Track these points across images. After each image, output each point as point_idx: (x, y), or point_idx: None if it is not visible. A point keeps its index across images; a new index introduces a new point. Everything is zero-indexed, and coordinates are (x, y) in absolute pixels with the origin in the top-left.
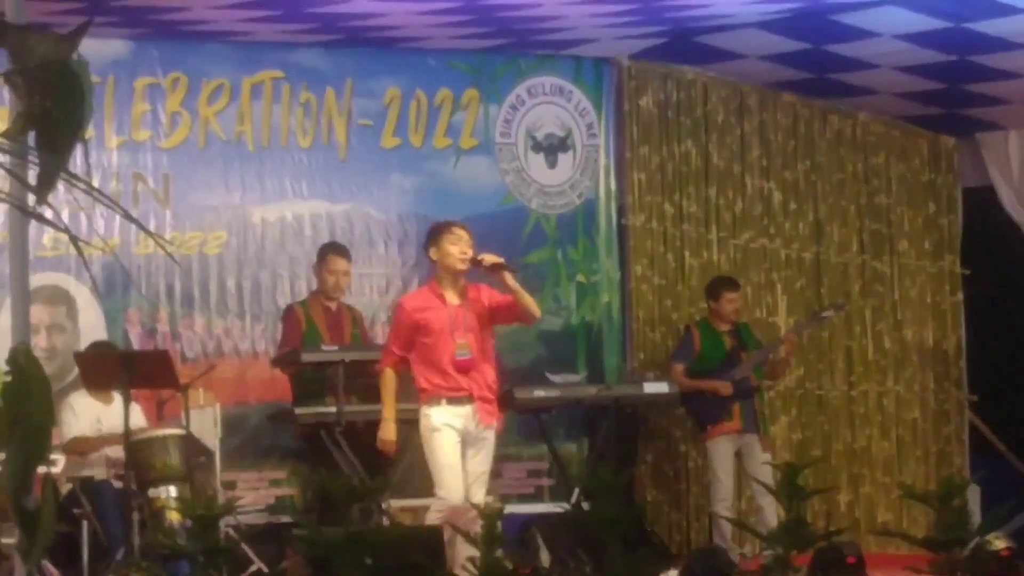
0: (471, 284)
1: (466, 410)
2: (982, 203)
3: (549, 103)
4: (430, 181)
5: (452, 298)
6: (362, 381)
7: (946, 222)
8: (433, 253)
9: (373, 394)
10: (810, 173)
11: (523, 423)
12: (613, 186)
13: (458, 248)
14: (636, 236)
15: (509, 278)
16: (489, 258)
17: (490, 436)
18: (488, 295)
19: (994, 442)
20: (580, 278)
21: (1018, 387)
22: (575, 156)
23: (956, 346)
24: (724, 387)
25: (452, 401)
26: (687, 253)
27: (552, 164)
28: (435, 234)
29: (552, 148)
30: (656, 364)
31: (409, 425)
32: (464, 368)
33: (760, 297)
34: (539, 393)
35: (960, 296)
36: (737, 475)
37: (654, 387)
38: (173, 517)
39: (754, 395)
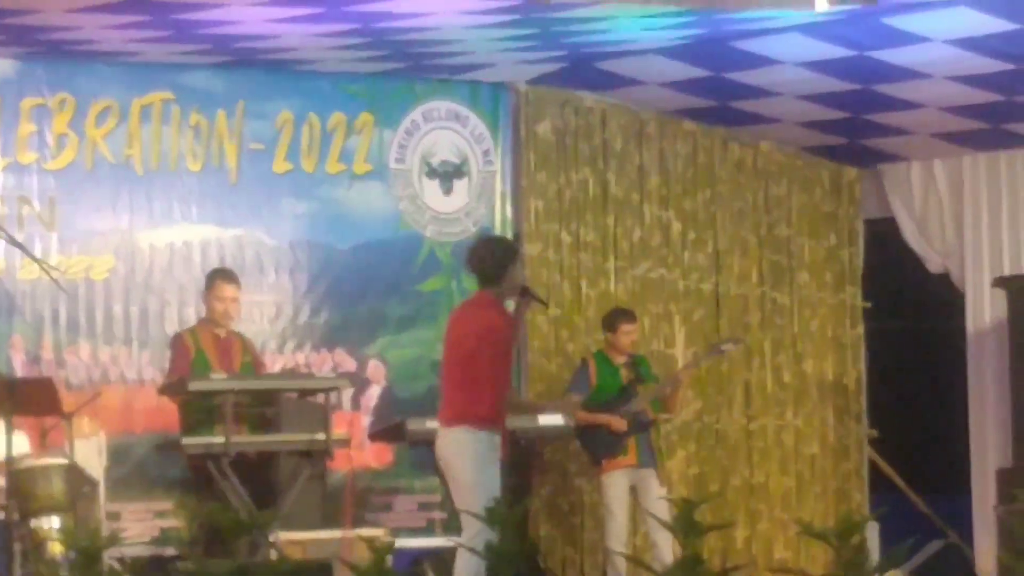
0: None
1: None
2: (883, 235)
3: (445, 128)
4: (323, 207)
5: None
6: (252, 411)
7: (847, 254)
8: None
9: (263, 424)
10: (710, 203)
11: (416, 455)
12: (509, 214)
13: None
14: (532, 265)
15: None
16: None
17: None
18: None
19: (893, 478)
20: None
21: (918, 423)
22: (471, 183)
23: (856, 380)
24: (618, 423)
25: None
26: (584, 283)
27: (447, 191)
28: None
29: (447, 175)
30: (551, 395)
31: (298, 456)
32: None
33: (658, 328)
34: (432, 425)
35: (861, 329)
36: (633, 510)
37: (549, 419)
38: (55, 549)
39: (650, 429)
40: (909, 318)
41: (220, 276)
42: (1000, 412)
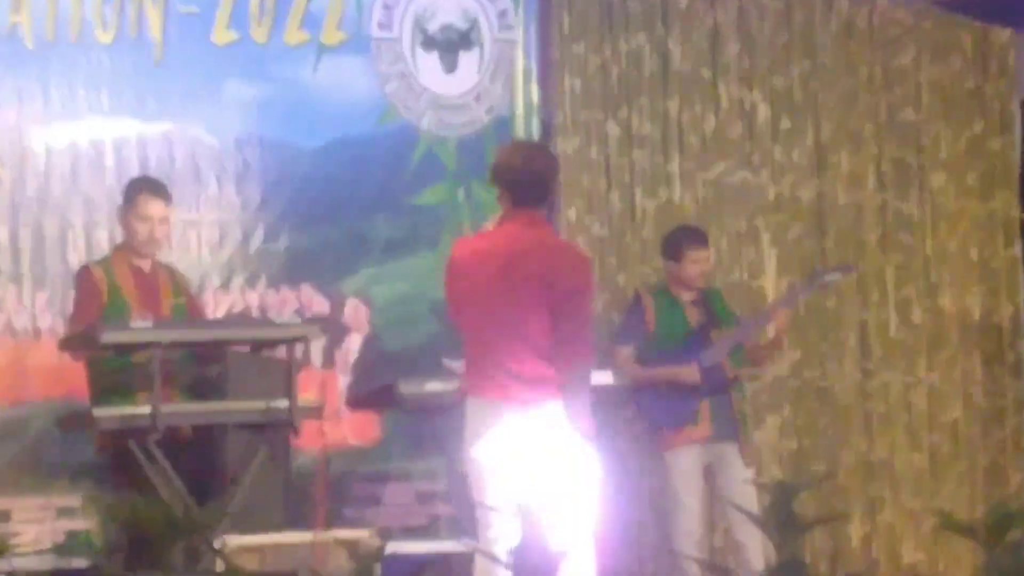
0: None
1: None
2: None
3: None
4: (280, 92)
5: None
6: (188, 370)
7: (998, 146)
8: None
9: (203, 388)
10: (808, 80)
11: (412, 427)
12: (536, 98)
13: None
14: (569, 168)
15: None
16: None
17: None
18: None
19: None
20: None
21: None
22: (482, 56)
23: (1013, 319)
24: (689, 374)
25: None
26: (638, 192)
27: (450, 67)
28: None
29: (451, 45)
30: (597, 345)
31: (252, 431)
32: None
33: (739, 253)
34: (433, 386)
35: (1019, 249)
36: (708, 499)
37: (594, 377)
38: None
39: (730, 389)
40: None
41: (144, 187)
42: None
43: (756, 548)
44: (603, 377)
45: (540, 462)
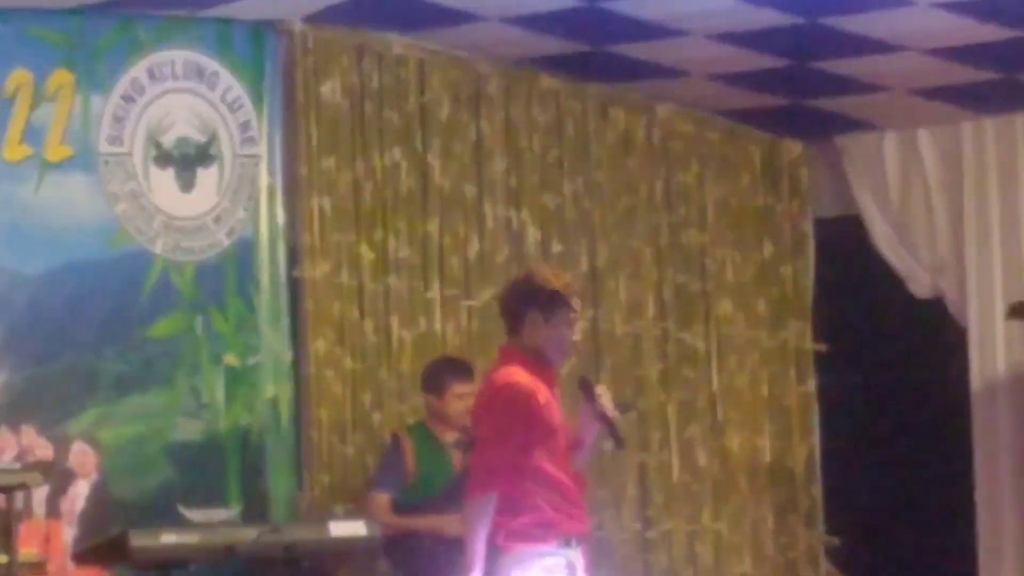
0: None
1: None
2: (844, 242)
3: (182, 91)
4: None
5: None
6: None
7: (791, 271)
8: None
9: None
10: (582, 198)
11: None
12: (281, 219)
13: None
14: (317, 296)
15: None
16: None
17: None
18: None
19: None
20: (231, 360)
21: (900, 523)
22: (222, 172)
23: (807, 462)
24: (453, 524)
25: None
26: (395, 321)
27: (187, 185)
28: None
29: (187, 161)
30: (348, 491)
31: None
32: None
33: None
34: (169, 539)
35: (813, 385)
36: None
37: (345, 528)
38: None
39: None
40: (883, 367)
41: None
42: (1021, 508)
43: None
44: (354, 528)
45: None
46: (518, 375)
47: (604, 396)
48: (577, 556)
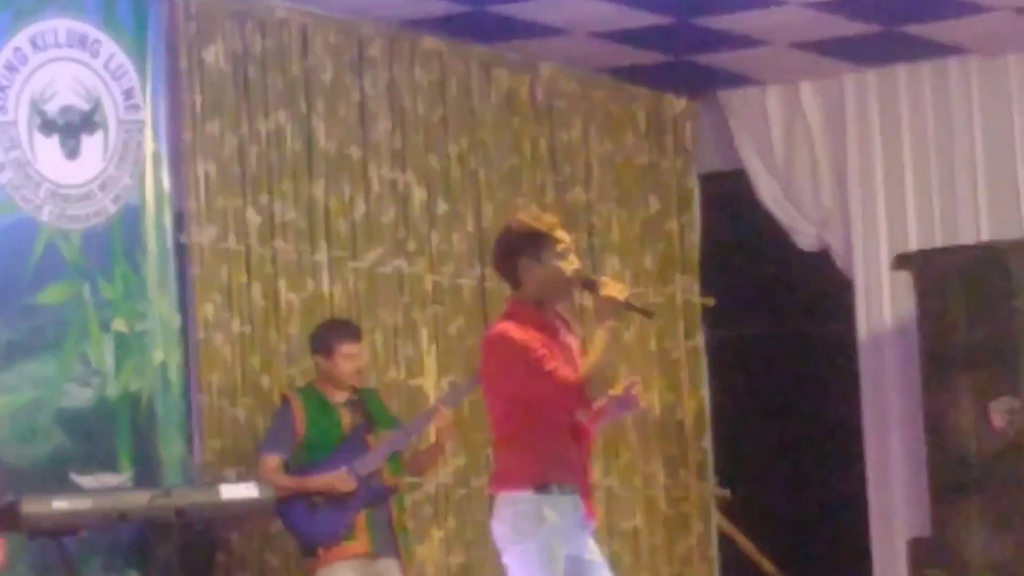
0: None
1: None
2: (729, 197)
3: (65, 60)
4: None
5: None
6: None
7: (677, 226)
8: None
9: None
10: (467, 157)
11: (38, 551)
12: (167, 185)
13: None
14: (204, 261)
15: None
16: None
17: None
18: None
19: (757, 558)
20: (120, 326)
21: (789, 474)
22: (107, 139)
23: (696, 415)
24: (343, 482)
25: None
26: (282, 284)
27: (72, 153)
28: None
29: (72, 128)
30: (239, 455)
31: None
32: None
33: (396, 348)
34: (60, 505)
35: (700, 339)
36: None
37: (237, 490)
38: None
39: (389, 500)
40: (770, 320)
41: None
42: (909, 456)
43: None
44: (246, 490)
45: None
46: (502, 326)
47: (609, 285)
48: (561, 502)
